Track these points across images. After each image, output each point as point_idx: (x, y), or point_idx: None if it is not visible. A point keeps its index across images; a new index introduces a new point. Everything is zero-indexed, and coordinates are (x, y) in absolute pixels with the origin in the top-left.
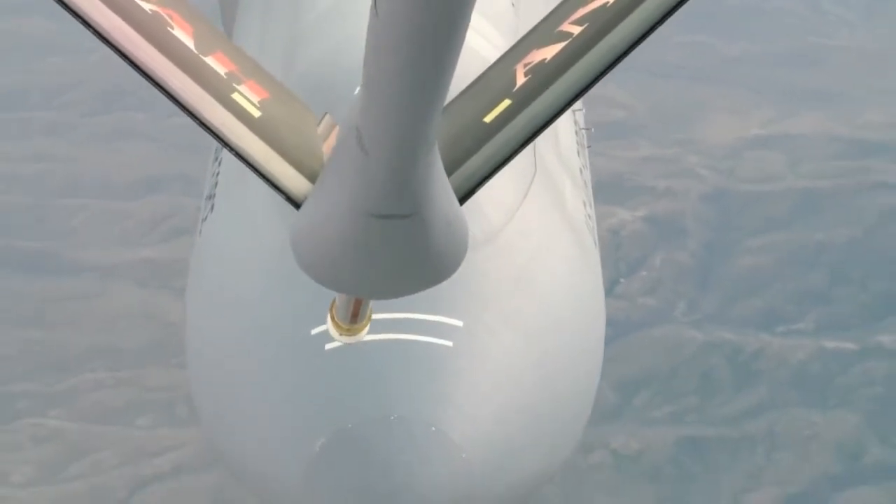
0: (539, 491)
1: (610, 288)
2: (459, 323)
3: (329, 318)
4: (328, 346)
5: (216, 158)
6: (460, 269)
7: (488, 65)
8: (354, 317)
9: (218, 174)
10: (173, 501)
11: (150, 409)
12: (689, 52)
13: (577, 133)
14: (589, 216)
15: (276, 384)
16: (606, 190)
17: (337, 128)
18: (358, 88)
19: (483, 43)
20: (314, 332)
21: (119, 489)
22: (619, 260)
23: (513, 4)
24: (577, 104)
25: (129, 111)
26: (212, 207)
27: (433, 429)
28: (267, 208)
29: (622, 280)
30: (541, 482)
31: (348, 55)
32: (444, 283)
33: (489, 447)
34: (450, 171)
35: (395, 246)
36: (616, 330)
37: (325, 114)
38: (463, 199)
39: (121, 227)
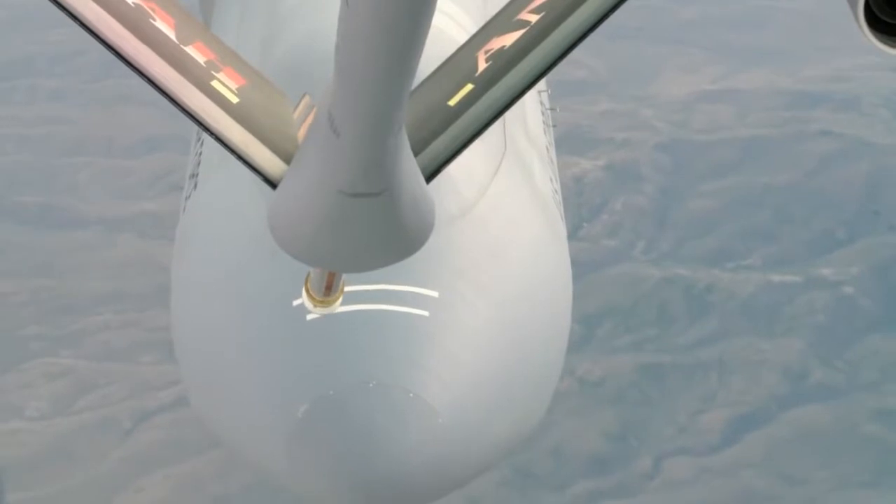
0: (512, 453)
1: (574, 231)
2: (435, 294)
3: (304, 291)
4: (309, 317)
5: (198, 139)
6: (435, 243)
7: (455, 44)
8: (328, 289)
9: (200, 154)
10: (174, 431)
11: (153, 347)
12: (645, 16)
13: (543, 113)
14: (556, 191)
15: (260, 354)
16: (570, 141)
17: (315, 109)
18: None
19: (453, 26)
20: (296, 303)
21: (125, 420)
22: (582, 205)
23: None
24: (542, 85)
25: (129, 78)
26: (195, 185)
27: (411, 395)
28: (247, 186)
29: (585, 224)
30: (514, 444)
31: (321, 43)
32: (421, 256)
33: (464, 411)
34: (417, 152)
35: (365, 222)
36: (581, 269)
37: (304, 95)
38: (429, 178)
39: (123, 183)
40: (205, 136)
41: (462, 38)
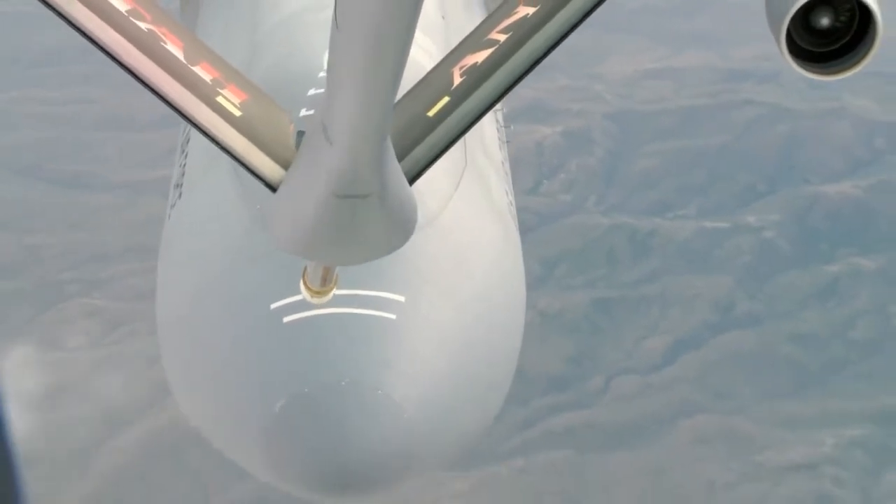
0: (474, 446)
1: (535, 188)
2: (401, 298)
3: (302, 284)
4: (286, 320)
5: (183, 151)
6: (402, 250)
7: (423, 69)
8: (324, 281)
9: (184, 165)
10: None
11: None
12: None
13: (498, 130)
14: (511, 203)
15: (240, 355)
16: (531, 112)
17: (293, 124)
18: (311, 90)
19: (418, 50)
20: (273, 306)
21: (150, 351)
22: (542, 166)
23: (443, 17)
24: (498, 105)
25: None
26: (180, 195)
27: (379, 392)
28: (229, 196)
29: (545, 181)
30: (475, 437)
31: (296, 65)
32: (388, 263)
33: (428, 407)
34: (400, 158)
35: (356, 221)
36: (541, 220)
37: None
38: (412, 181)
39: (144, 153)
40: (189, 149)
41: (425, 59)
